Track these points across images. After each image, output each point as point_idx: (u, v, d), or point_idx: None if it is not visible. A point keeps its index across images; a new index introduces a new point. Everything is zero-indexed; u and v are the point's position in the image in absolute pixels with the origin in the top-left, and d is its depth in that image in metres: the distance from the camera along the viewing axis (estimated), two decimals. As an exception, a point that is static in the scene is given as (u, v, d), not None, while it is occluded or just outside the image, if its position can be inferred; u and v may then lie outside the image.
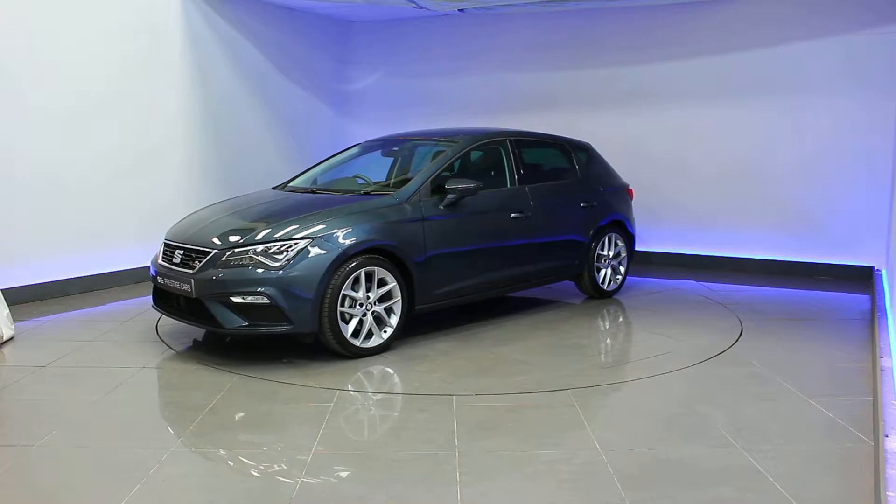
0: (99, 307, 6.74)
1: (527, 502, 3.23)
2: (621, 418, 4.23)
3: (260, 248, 5.00)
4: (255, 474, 3.45)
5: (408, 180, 5.93)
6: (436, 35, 9.86)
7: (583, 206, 6.84)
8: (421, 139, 6.80)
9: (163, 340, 5.63)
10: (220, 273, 4.97)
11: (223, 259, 5.01)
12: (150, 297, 5.78)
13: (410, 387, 4.76)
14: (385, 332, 5.31)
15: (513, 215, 6.18)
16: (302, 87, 9.75)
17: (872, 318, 6.13)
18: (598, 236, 6.94)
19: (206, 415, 4.20)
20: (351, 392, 4.56)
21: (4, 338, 5.48)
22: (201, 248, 5.18)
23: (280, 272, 4.90)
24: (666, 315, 6.52)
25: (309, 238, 5.03)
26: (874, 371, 4.69)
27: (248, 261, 4.96)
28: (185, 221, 5.80)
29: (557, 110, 9.26)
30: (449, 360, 5.22)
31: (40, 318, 6.25)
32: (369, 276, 5.18)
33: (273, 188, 6.54)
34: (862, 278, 7.82)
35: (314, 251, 4.99)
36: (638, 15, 8.74)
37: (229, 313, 4.96)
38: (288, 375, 4.83)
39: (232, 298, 4.91)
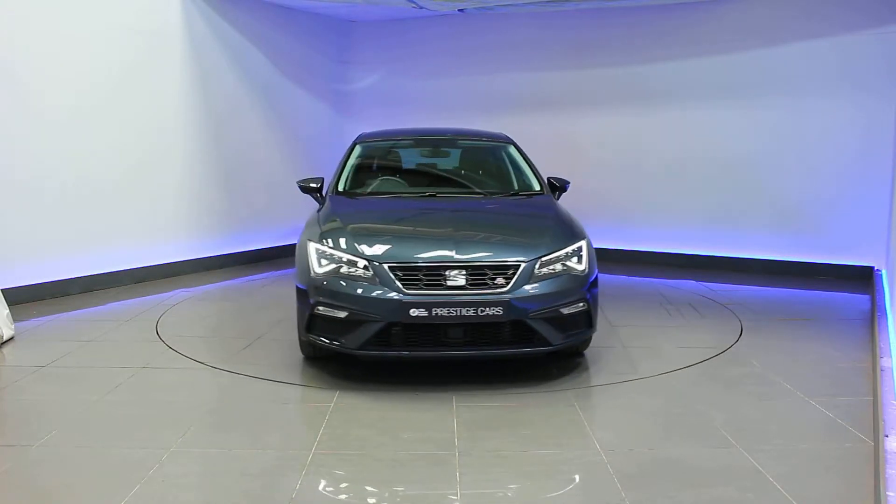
0: (99, 307, 6.73)
1: (527, 502, 3.23)
2: (621, 418, 4.23)
3: (568, 252, 4.73)
4: (255, 474, 3.45)
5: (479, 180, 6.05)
6: (436, 35, 9.86)
7: None
8: (446, 137, 6.69)
9: (163, 340, 5.63)
10: (544, 287, 4.52)
11: (536, 272, 4.54)
12: (345, 338, 4.53)
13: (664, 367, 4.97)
14: None
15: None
16: (302, 86, 9.75)
17: (872, 318, 6.12)
18: None
19: (206, 415, 4.20)
20: (351, 392, 4.56)
21: (4, 338, 5.48)
22: (502, 263, 4.53)
23: (586, 275, 4.74)
24: (666, 315, 6.52)
25: (584, 239, 4.93)
26: (874, 371, 4.68)
27: (560, 270, 4.65)
28: (395, 240, 4.79)
29: (557, 110, 9.26)
30: (632, 344, 5.47)
31: (40, 318, 6.24)
32: None
33: (338, 194, 5.68)
34: (862, 278, 7.81)
35: (588, 251, 4.89)
36: (638, 15, 8.74)
37: (553, 329, 4.54)
38: (288, 375, 4.83)
39: (562, 311, 4.55)
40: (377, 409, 4.30)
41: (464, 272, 4.45)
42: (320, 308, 4.54)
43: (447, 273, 4.45)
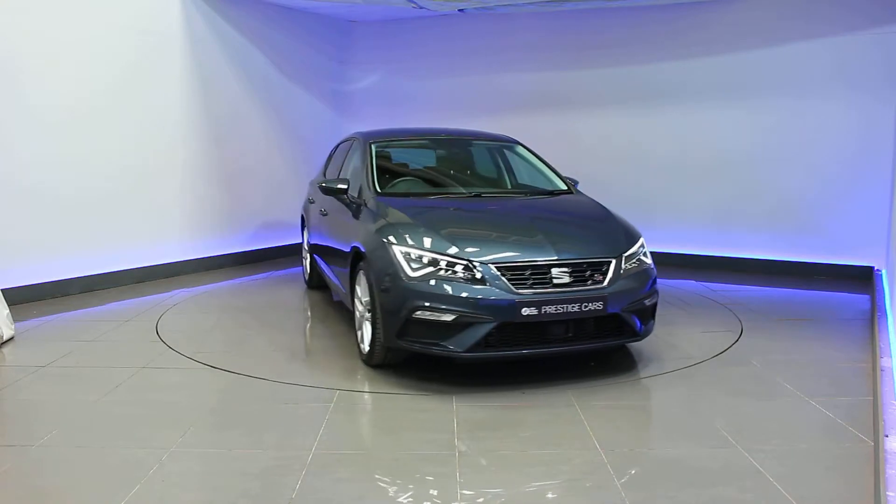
0: (99, 307, 6.74)
1: (527, 502, 3.23)
2: (621, 418, 4.23)
3: (638, 248, 4.99)
4: (255, 474, 3.45)
5: (495, 180, 6.20)
6: (436, 35, 9.87)
7: None
8: (444, 137, 6.67)
9: (163, 340, 5.63)
10: (630, 281, 4.73)
11: (623, 267, 4.75)
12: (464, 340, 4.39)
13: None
14: None
15: None
16: (302, 86, 9.76)
17: (872, 318, 6.12)
18: None
19: (206, 415, 4.20)
20: (351, 392, 4.56)
21: (4, 338, 5.48)
22: (598, 260, 4.68)
23: (653, 269, 5.02)
24: (666, 315, 6.51)
25: (642, 236, 5.17)
26: (874, 371, 4.69)
27: (636, 264, 4.87)
28: (493, 241, 4.76)
29: (557, 111, 9.27)
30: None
31: (40, 318, 6.24)
32: None
33: (379, 195, 5.39)
34: (862, 278, 7.82)
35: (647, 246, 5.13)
36: (638, 15, 8.74)
37: (639, 320, 4.81)
38: (288, 375, 4.83)
39: (645, 302, 4.82)
40: (377, 410, 4.30)
41: (567, 270, 4.54)
42: (419, 312, 4.42)
43: (552, 271, 4.52)
